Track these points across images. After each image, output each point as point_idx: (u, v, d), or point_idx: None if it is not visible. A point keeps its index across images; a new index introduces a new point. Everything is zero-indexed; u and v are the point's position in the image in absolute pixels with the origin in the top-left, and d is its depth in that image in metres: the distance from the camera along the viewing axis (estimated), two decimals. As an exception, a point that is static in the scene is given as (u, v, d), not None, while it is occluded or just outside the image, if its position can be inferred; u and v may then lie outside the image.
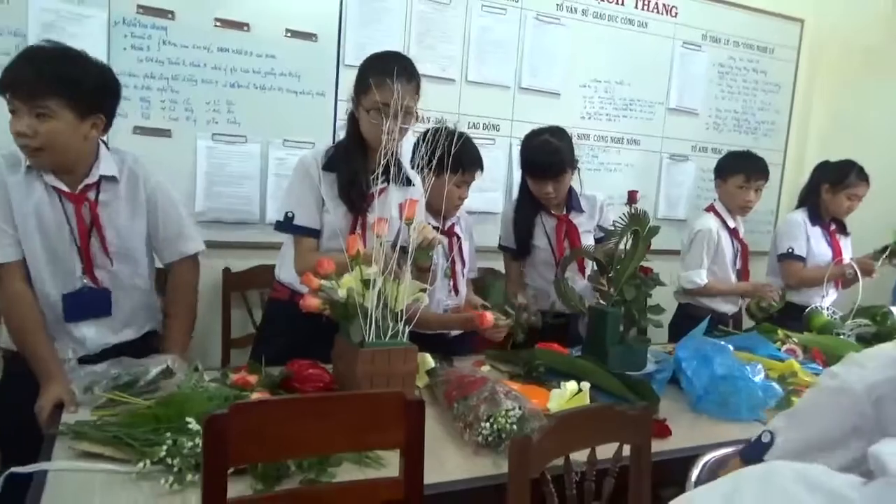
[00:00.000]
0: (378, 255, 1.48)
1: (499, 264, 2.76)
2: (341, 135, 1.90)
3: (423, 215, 1.87)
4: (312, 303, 1.51)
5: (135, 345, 1.69)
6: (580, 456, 1.20)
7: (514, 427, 1.32)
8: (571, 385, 1.50)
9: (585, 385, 1.52)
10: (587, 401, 1.51)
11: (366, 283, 1.48)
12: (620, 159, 3.36)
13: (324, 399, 1.13)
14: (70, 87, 1.47)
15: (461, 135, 1.80)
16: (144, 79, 2.35)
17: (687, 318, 2.59)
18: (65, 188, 1.55)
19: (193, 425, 1.19)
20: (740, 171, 2.68)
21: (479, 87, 2.97)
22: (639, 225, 1.91)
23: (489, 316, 1.82)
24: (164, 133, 2.41)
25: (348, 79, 2.57)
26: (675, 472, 1.30)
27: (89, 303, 1.61)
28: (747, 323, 2.75)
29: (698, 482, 1.24)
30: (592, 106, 3.25)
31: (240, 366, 1.67)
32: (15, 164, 1.53)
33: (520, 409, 1.35)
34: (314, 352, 1.63)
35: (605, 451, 1.22)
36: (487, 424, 1.32)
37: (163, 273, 1.81)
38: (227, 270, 2.54)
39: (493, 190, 3.02)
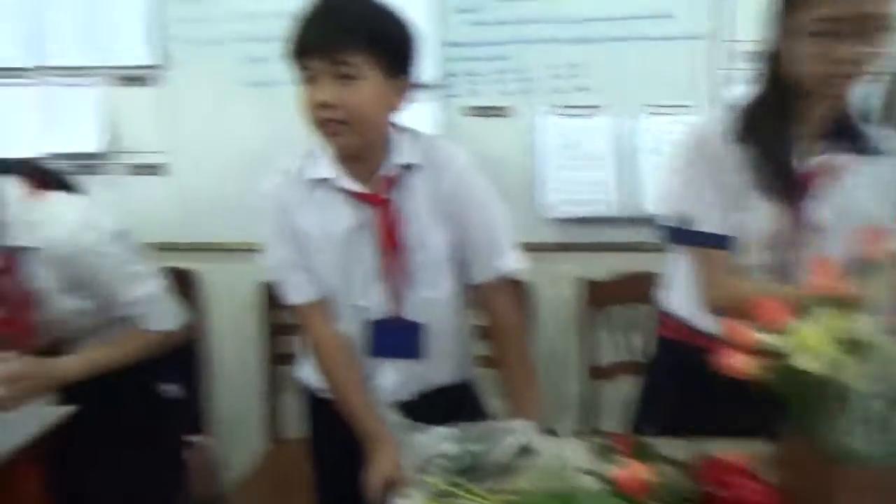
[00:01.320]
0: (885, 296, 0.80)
1: None
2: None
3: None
4: (742, 365, 0.92)
5: (440, 400, 1.28)
6: None
7: None
8: None
9: None
10: None
11: (850, 346, 0.82)
12: None
13: None
14: (378, 37, 1.09)
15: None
16: (471, 47, 1.95)
17: None
18: (359, 189, 1.17)
19: None
20: None
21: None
22: None
23: None
24: (498, 112, 2.01)
25: (738, 10, 1.85)
26: None
27: (397, 337, 1.23)
28: None
29: None
30: None
31: (617, 435, 1.18)
32: (295, 179, 1.20)
33: None
34: (719, 415, 1.08)
35: None
36: None
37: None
38: (585, 280, 1.99)
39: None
